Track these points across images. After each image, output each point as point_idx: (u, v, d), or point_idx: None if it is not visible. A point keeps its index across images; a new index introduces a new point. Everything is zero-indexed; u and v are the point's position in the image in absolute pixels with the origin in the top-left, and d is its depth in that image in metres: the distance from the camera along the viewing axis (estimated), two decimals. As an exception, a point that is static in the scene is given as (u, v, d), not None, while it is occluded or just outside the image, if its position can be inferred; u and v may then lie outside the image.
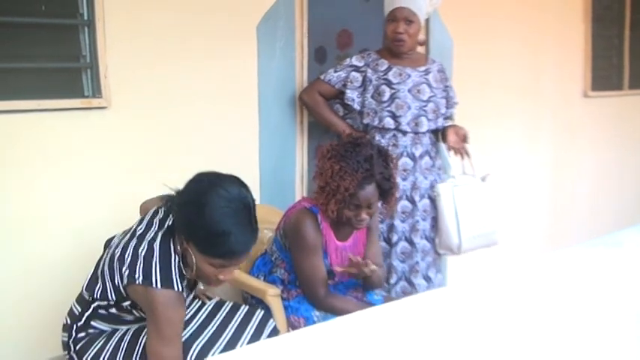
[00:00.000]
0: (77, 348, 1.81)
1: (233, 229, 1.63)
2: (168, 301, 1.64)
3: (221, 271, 1.69)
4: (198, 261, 1.67)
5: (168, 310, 1.64)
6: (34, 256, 2.20)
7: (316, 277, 2.14)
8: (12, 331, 2.20)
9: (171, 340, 1.67)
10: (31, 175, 2.17)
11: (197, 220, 1.62)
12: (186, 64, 2.52)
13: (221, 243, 1.63)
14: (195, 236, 1.65)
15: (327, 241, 2.19)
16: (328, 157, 2.07)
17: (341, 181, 2.03)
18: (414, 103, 2.57)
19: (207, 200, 1.63)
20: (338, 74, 2.63)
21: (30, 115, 2.14)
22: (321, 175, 2.09)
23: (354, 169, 2.03)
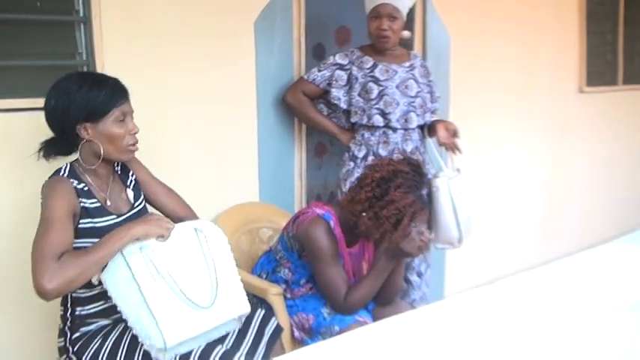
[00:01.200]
0: (75, 349, 1.78)
1: (96, 81, 1.76)
2: (52, 180, 1.73)
3: (126, 125, 1.77)
4: (104, 132, 1.74)
5: (49, 190, 1.69)
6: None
7: (338, 285, 2.10)
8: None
9: (48, 226, 1.63)
10: (26, 173, 2.11)
11: (75, 104, 1.71)
12: (184, 62, 2.48)
13: (99, 94, 1.73)
14: (83, 113, 1.72)
15: (339, 246, 2.15)
16: (396, 186, 1.98)
17: (410, 216, 1.98)
18: (403, 99, 2.55)
19: (64, 94, 1.73)
20: (322, 73, 2.59)
21: (25, 114, 2.11)
22: (386, 203, 1.98)
23: (422, 202, 2.02)
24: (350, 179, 2.58)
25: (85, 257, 1.60)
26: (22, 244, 2.06)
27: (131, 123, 1.80)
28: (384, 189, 1.98)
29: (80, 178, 1.77)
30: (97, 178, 1.83)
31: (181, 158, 2.51)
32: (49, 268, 1.54)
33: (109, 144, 1.76)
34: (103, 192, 1.83)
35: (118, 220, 1.81)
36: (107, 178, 1.86)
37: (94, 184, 1.81)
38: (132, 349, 1.74)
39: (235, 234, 2.57)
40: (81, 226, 1.73)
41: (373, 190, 2.00)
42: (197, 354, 1.70)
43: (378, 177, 2.00)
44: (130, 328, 1.74)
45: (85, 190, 1.76)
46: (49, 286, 1.53)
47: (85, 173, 1.80)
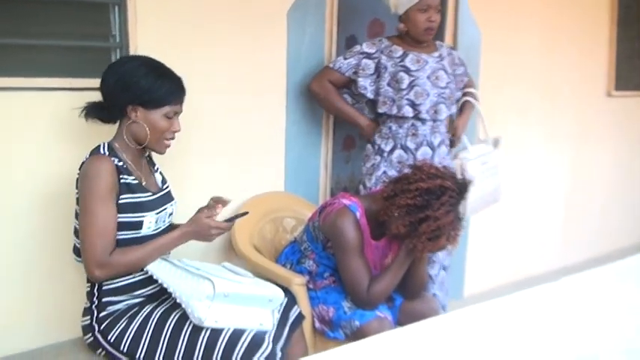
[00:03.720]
0: (102, 327, 1.79)
1: (164, 74, 1.82)
2: (94, 159, 1.76)
3: (171, 123, 1.84)
4: (151, 121, 1.81)
5: (93, 169, 1.73)
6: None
7: (362, 278, 2.07)
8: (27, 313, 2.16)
9: (95, 206, 1.71)
10: (59, 151, 2.13)
11: (136, 86, 1.77)
12: (216, 48, 2.46)
13: (162, 87, 1.79)
14: (140, 97, 1.78)
15: (364, 238, 2.12)
16: (441, 204, 1.93)
17: (448, 235, 1.98)
18: (433, 90, 2.48)
19: (130, 72, 1.79)
20: (348, 61, 2.52)
21: (61, 94, 2.11)
22: (426, 217, 1.94)
23: (460, 220, 2.01)
24: (376, 174, 2.53)
25: (135, 257, 1.76)
26: (53, 219, 2.14)
27: (177, 122, 1.87)
28: (427, 201, 1.93)
29: (119, 156, 1.81)
30: (133, 157, 1.87)
31: (209, 144, 2.49)
32: (101, 260, 1.70)
33: (151, 132, 1.82)
34: (138, 171, 1.88)
35: (153, 197, 1.87)
36: (140, 160, 1.92)
37: (131, 163, 1.85)
38: (158, 330, 1.76)
39: (260, 222, 2.56)
40: (122, 202, 1.77)
41: (415, 198, 1.94)
42: (228, 333, 1.71)
43: (424, 188, 1.94)
44: (157, 310, 1.79)
45: (124, 167, 1.81)
46: (100, 276, 1.73)
47: (123, 152, 1.84)
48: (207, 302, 1.71)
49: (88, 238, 1.71)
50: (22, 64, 2.10)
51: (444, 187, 1.94)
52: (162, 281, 1.77)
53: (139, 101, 1.79)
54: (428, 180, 1.96)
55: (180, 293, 1.73)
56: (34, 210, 2.12)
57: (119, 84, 1.79)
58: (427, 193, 1.94)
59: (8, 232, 2.08)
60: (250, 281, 1.88)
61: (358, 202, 2.11)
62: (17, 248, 2.10)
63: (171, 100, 1.82)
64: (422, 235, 1.95)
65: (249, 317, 1.79)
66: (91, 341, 1.82)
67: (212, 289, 1.71)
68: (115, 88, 1.80)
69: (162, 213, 1.87)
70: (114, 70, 1.82)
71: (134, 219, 1.79)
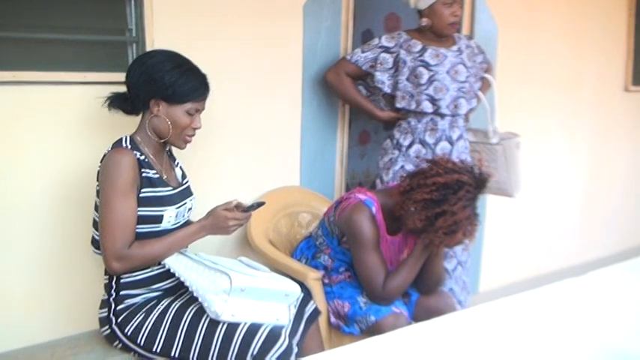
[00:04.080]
0: (119, 320, 1.80)
1: (189, 70, 1.82)
2: (116, 152, 1.75)
3: (193, 120, 1.84)
4: (172, 116, 1.81)
5: (115, 162, 1.73)
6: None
7: (378, 273, 2.05)
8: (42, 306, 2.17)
9: (116, 200, 1.71)
10: (75, 144, 2.13)
11: (159, 79, 1.77)
12: (231, 41, 2.45)
13: (186, 83, 1.79)
14: (163, 92, 1.78)
15: (380, 233, 2.10)
16: (458, 199, 1.91)
17: (464, 230, 1.95)
18: (453, 84, 2.44)
19: (156, 65, 1.79)
20: (365, 55, 2.49)
21: (75, 87, 2.10)
22: (443, 212, 1.93)
23: (477, 216, 1.99)
24: (393, 168, 2.51)
25: (153, 251, 1.76)
26: (72, 212, 2.13)
27: (198, 119, 1.87)
28: (444, 196, 1.91)
29: (141, 150, 1.81)
30: (155, 151, 1.88)
31: (225, 138, 2.48)
32: (119, 253, 1.71)
33: (172, 127, 1.83)
34: (159, 165, 1.88)
35: (174, 191, 1.87)
36: (162, 154, 1.92)
37: (152, 157, 1.85)
38: (174, 324, 1.76)
39: (275, 217, 2.55)
40: (142, 195, 1.77)
41: (432, 193, 1.93)
42: (245, 328, 1.71)
43: (441, 182, 1.92)
44: (174, 305, 1.79)
45: (146, 161, 1.81)
46: (118, 268, 1.73)
47: (145, 145, 1.84)
48: (224, 296, 1.70)
49: (108, 231, 1.71)
50: (38, 58, 2.10)
51: (461, 182, 1.92)
52: (180, 275, 1.77)
53: (162, 95, 1.79)
54: (445, 174, 1.93)
55: (197, 287, 1.73)
56: (52, 202, 2.12)
57: (144, 77, 1.79)
58: (444, 188, 1.92)
59: (27, 223, 2.08)
60: (267, 275, 1.88)
61: (374, 197, 2.09)
62: (35, 240, 2.10)
63: (194, 97, 1.81)
64: (439, 229, 1.93)
65: (266, 312, 1.78)
66: (108, 334, 1.83)
67: (229, 283, 1.70)
68: (140, 80, 1.80)
69: (182, 208, 1.87)
70: (140, 63, 1.82)
71: (154, 213, 1.78)
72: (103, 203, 1.73)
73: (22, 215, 2.07)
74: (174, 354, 1.75)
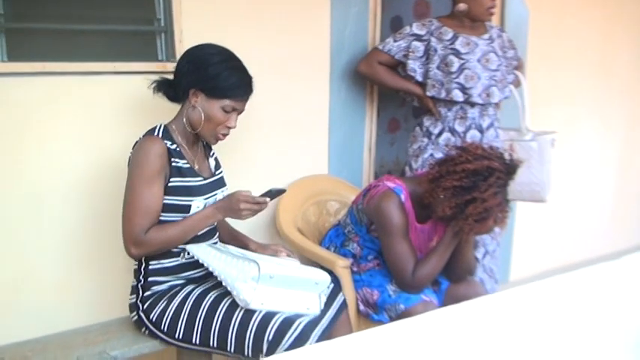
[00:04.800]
0: (145, 307, 1.82)
1: (234, 67, 1.81)
2: (147, 140, 1.75)
3: (228, 118, 1.82)
4: (208, 110, 1.79)
5: (144, 149, 1.73)
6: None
7: (407, 261, 2.03)
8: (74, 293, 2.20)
9: (140, 186, 1.72)
10: (105, 135, 2.14)
11: (206, 70, 1.76)
12: (259, 30, 2.43)
13: (228, 79, 1.77)
14: (203, 83, 1.77)
15: (409, 221, 2.07)
16: (488, 185, 1.87)
17: (495, 217, 1.92)
18: (484, 73, 2.40)
19: (206, 55, 1.79)
20: (398, 44, 2.45)
21: (105, 77, 2.11)
22: (473, 199, 1.89)
23: (508, 202, 1.94)
24: (422, 156, 2.47)
25: (169, 235, 1.75)
26: (104, 199, 2.15)
27: (234, 119, 1.84)
28: (474, 182, 1.88)
29: (174, 140, 1.81)
30: (188, 141, 1.87)
31: (253, 127, 2.46)
32: (137, 239, 1.72)
33: (205, 121, 1.81)
34: (192, 155, 1.88)
35: (205, 182, 1.86)
36: (196, 144, 1.91)
37: (185, 147, 1.85)
38: (194, 310, 1.76)
39: (304, 205, 2.54)
40: (171, 185, 1.77)
41: (461, 180, 1.89)
42: (281, 318, 1.69)
43: (471, 169, 1.88)
44: (195, 291, 1.80)
45: (177, 150, 1.80)
46: (136, 253, 1.75)
47: (178, 135, 1.84)
48: (253, 284, 1.69)
49: (128, 216, 1.73)
50: (68, 48, 2.10)
51: (491, 168, 1.88)
52: (208, 265, 1.76)
53: (201, 86, 1.78)
54: (474, 161, 1.89)
55: (226, 276, 1.72)
56: (84, 191, 2.13)
57: (188, 65, 1.79)
58: (474, 175, 1.88)
59: (59, 212, 2.10)
60: (296, 264, 1.87)
61: (403, 185, 2.07)
62: (68, 229, 2.13)
63: (232, 95, 1.79)
64: (469, 217, 1.89)
65: (296, 300, 1.77)
66: (136, 319, 1.85)
67: (257, 270, 1.69)
68: (184, 68, 1.80)
69: (210, 199, 1.86)
70: (190, 52, 1.83)
71: (182, 202, 1.78)
72: (127, 188, 1.75)
73: (54, 205, 2.09)
74: (195, 340, 1.75)
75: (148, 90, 1.87)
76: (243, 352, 1.69)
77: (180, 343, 1.79)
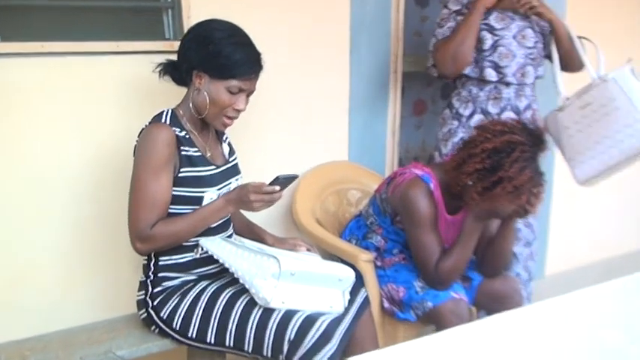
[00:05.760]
0: (155, 303, 1.80)
1: (239, 43, 1.74)
2: (153, 127, 1.72)
3: (235, 100, 1.76)
4: (213, 92, 1.74)
5: (150, 138, 1.70)
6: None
7: (432, 255, 1.98)
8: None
9: (146, 177, 1.70)
10: (110, 119, 2.12)
11: (206, 48, 1.71)
12: (273, 7, 2.38)
13: (232, 56, 1.71)
14: (208, 63, 1.72)
15: (438, 212, 2.03)
16: (512, 161, 1.81)
17: (528, 194, 1.84)
18: (520, 50, 2.32)
19: (208, 32, 1.74)
20: (449, 26, 2.37)
21: (108, 58, 2.07)
22: (499, 179, 1.83)
23: (540, 175, 1.86)
24: (452, 140, 2.42)
25: (177, 230, 1.73)
26: (109, 189, 2.13)
27: (242, 100, 1.78)
28: (497, 161, 1.82)
29: (182, 126, 1.77)
30: (198, 127, 1.83)
31: (269, 111, 2.43)
32: (142, 234, 1.70)
33: (210, 104, 1.76)
34: (203, 141, 1.84)
35: (217, 170, 1.82)
36: (206, 129, 1.87)
37: (195, 133, 1.81)
38: (209, 308, 1.74)
39: (322, 194, 2.52)
40: (181, 175, 1.74)
41: (483, 161, 1.84)
42: (302, 316, 1.67)
43: (490, 148, 1.83)
44: (210, 287, 1.78)
45: (187, 138, 1.77)
46: (142, 249, 1.73)
47: (187, 121, 1.80)
48: (273, 281, 1.66)
49: (133, 210, 1.71)
50: (68, 27, 2.07)
51: (512, 142, 1.82)
52: (224, 260, 1.73)
53: (204, 67, 1.73)
54: (494, 138, 1.84)
55: (243, 273, 1.69)
56: (88, 181, 2.11)
57: (189, 44, 1.75)
58: (495, 153, 1.82)
59: (62, 203, 2.08)
60: (318, 260, 1.84)
61: (432, 173, 2.02)
62: (71, 219, 2.11)
63: (238, 73, 1.73)
64: (499, 199, 1.84)
65: (319, 298, 1.74)
66: (145, 317, 1.83)
67: (277, 267, 1.66)
68: (185, 47, 1.76)
69: (224, 189, 1.83)
70: (192, 29, 1.79)
71: (194, 194, 1.75)
72: (133, 180, 1.72)
73: (55, 195, 2.07)
74: (210, 340, 1.73)
75: (154, 71, 1.83)
76: (261, 353, 1.67)
77: (193, 343, 1.77)
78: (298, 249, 1.97)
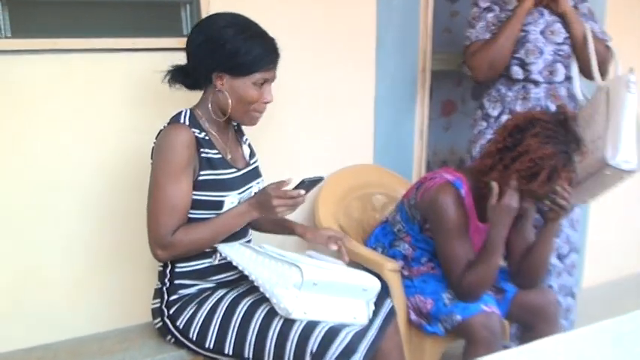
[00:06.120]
0: (171, 312, 1.78)
1: (253, 36, 1.72)
2: (171, 128, 1.70)
3: (262, 92, 1.75)
4: (240, 90, 1.73)
5: (169, 140, 1.68)
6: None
7: (460, 262, 1.94)
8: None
9: (165, 182, 1.67)
10: (124, 120, 2.10)
11: (223, 49, 1.69)
12: (295, 2, 2.36)
13: (251, 51, 1.69)
14: (228, 63, 1.70)
15: (469, 220, 1.99)
16: (532, 135, 1.82)
17: (549, 172, 1.81)
18: (547, 47, 2.28)
19: (218, 32, 1.70)
20: (480, 26, 2.34)
21: (123, 55, 2.06)
22: (518, 154, 1.84)
23: (567, 158, 1.82)
24: (481, 142, 2.40)
25: (199, 237, 1.71)
26: (122, 193, 2.12)
27: (268, 91, 1.78)
28: (518, 138, 1.84)
29: (202, 127, 1.76)
30: (218, 128, 1.82)
31: (289, 110, 2.41)
32: (163, 241, 1.68)
33: (237, 102, 1.75)
34: (223, 143, 1.82)
35: (238, 173, 1.81)
36: (227, 130, 1.86)
37: (215, 134, 1.80)
38: (227, 317, 1.72)
39: (346, 199, 2.49)
40: (201, 178, 1.72)
41: (505, 140, 1.86)
42: (325, 327, 1.64)
43: (512, 125, 1.87)
44: (228, 296, 1.78)
45: (207, 139, 1.75)
46: (162, 256, 1.71)
47: (206, 122, 1.79)
48: (295, 291, 1.64)
49: (153, 216, 1.69)
50: (80, 22, 2.05)
51: (533, 119, 1.84)
52: (243, 268, 1.72)
53: (224, 67, 1.70)
54: (516, 118, 1.89)
55: (264, 281, 1.68)
56: (101, 183, 2.09)
57: (203, 47, 1.71)
58: (516, 131, 1.85)
59: (70, 203, 2.05)
60: (342, 268, 1.82)
61: (463, 178, 1.99)
62: (81, 221, 2.10)
63: (261, 67, 1.72)
64: (516, 174, 1.83)
65: (342, 309, 1.71)
66: (160, 326, 1.81)
67: (300, 276, 1.63)
68: (199, 51, 1.73)
69: (245, 193, 1.81)
70: (199, 30, 1.75)
71: (214, 198, 1.73)
72: (152, 184, 1.71)
73: (66, 197, 2.05)
74: (228, 351, 1.70)
75: (163, 82, 1.80)
76: None
77: (210, 354, 1.74)
78: (329, 245, 1.93)
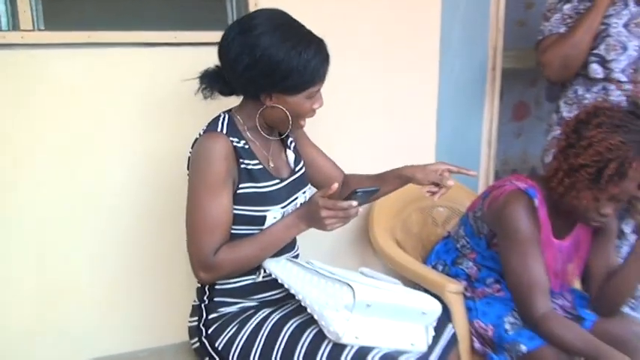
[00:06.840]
0: (209, 332, 1.72)
1: (304, 49, 1.61)
2: (208, 138, 1.64)
3: (314, 101, 1.70)
4: (295, 105, 1.67)
5: (205, 151, 1.63)
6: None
7: (533, 283, 1.81)
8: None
9: (207, 196, 1.62)
10: (163, 120, 2.09)
11: (279, 69, 1.59)
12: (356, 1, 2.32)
13: (306, 69, 1.61)
14: (282, 84, 1.62)
15: (543, 234, 1.87)
16: (595, 125, 1.73)
17: (618, 164, 1.69)
18: (632, 42, 2.15)
19: (269, 51, 1.59)
20: (555, 18, 2.24)
21: (163, 50, 2.05)
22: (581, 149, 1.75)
23: (636, 140, 1.71)
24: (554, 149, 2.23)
25: (244, 255, 1.66)
26: (157, 202, 2.13)
27: (319, 97, 1.73)
28: (581, 133, 1.76)
29: (241, 135, 1.70)
30: (260, 135, 1.75)
31: (345, 113, 2.38)
32: (206, 262, 1.64)
33: (291, 117, 1.70)
34: (265, 151, 1.77)
35: (281, 185, 1.76)
36: (270, 136, 1.81)
37: (256, 143, 1.74)
38: (271, 339, 1.66)
39: (404, 212, 2.44)
40: (241, 191, 1.67)
41: (568, 138, 1.79)
42: (379, 354, 1.57)
43: (574, 120, 1.80)
44: (274, 316, 1.74)
45: (247, 149, 1.70)
46: (205, 278, 1.67)
47: (247, 129, 1.73)
48: (346, 313, 1.56)
49: (194, 235, 1.64)
50: (118, 15, 2.06)
51: (597, 108, 1.77)
52: (290, 286, 1.65)
53: (277, 89, 1.63)
54: (580, 112, 1.82)
55: (312, 301, 1.60)
56: (136, 191, 2.10)
57: (251, 70, 1.61)
58: (579, 123, 1.77)
59: (103, 212, 2.07)
60: (398, 288, 1.73)
61: (537, 187, 1.87)
62: (114, 232, 2.09)
63: (317, 80, 1.67)
64: (580, 172, 1.73)
65: (398, 334, 1.63)
66: (198, 346, 1.76)
67: (352, 296, 1.55)
68: (247, 75, 1.62)
69: (290, 206, 1.75)
70: (242, 43, 1.61)
71: (255, 213, 1.67)
72: (189, 200, 1.66)
73: (99, 206, 2.06)
74: None
75: (196, 94, 1.74)
76: None
77: None
78: (443, 180, 1.82)
